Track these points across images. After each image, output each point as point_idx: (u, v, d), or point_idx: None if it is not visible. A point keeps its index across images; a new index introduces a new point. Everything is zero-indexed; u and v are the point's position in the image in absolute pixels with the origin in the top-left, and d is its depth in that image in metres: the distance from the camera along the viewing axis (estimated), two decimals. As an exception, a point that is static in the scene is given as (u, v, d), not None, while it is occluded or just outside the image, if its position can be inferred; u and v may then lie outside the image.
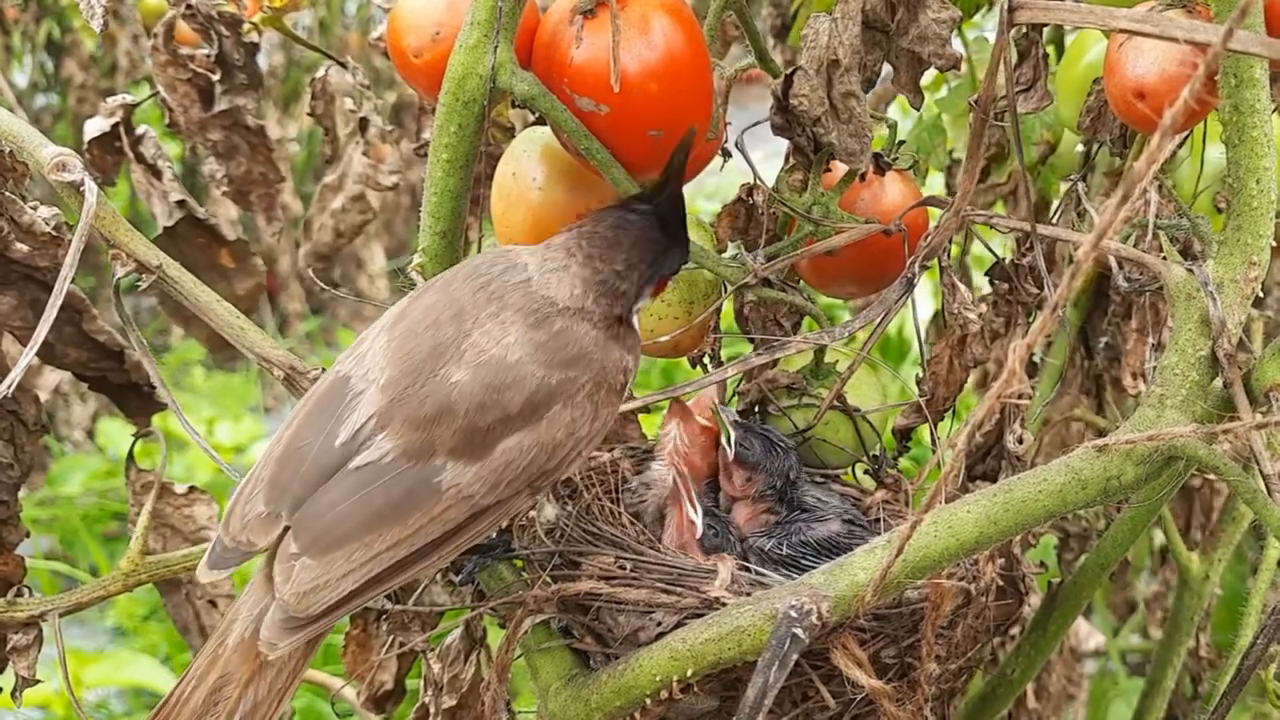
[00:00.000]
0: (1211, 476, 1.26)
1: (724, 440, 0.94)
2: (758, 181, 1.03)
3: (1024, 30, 0.99)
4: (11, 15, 3.09)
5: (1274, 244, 0.82)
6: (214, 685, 0.75)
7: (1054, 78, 1.12)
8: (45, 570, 2.58)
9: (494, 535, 0.88)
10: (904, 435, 1.05)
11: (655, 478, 0.95)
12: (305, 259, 1.47)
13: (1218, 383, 0.80)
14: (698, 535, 0.90)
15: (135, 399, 1.16)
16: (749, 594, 0.80)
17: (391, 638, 1.00)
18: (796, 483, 0.95)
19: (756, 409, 1.04)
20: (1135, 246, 0.95)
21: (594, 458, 0.96)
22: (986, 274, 1.06)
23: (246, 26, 1.23)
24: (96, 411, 3.14)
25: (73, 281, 0.90)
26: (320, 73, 1.37)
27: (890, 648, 0.83)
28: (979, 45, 1.31)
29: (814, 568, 0.79)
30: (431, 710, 0.98)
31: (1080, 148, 1.25)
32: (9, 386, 0.84)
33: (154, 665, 2.09)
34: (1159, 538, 1.80)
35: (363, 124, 1.35)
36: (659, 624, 0.81)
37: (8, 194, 1.02)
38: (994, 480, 1.01)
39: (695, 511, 0.90)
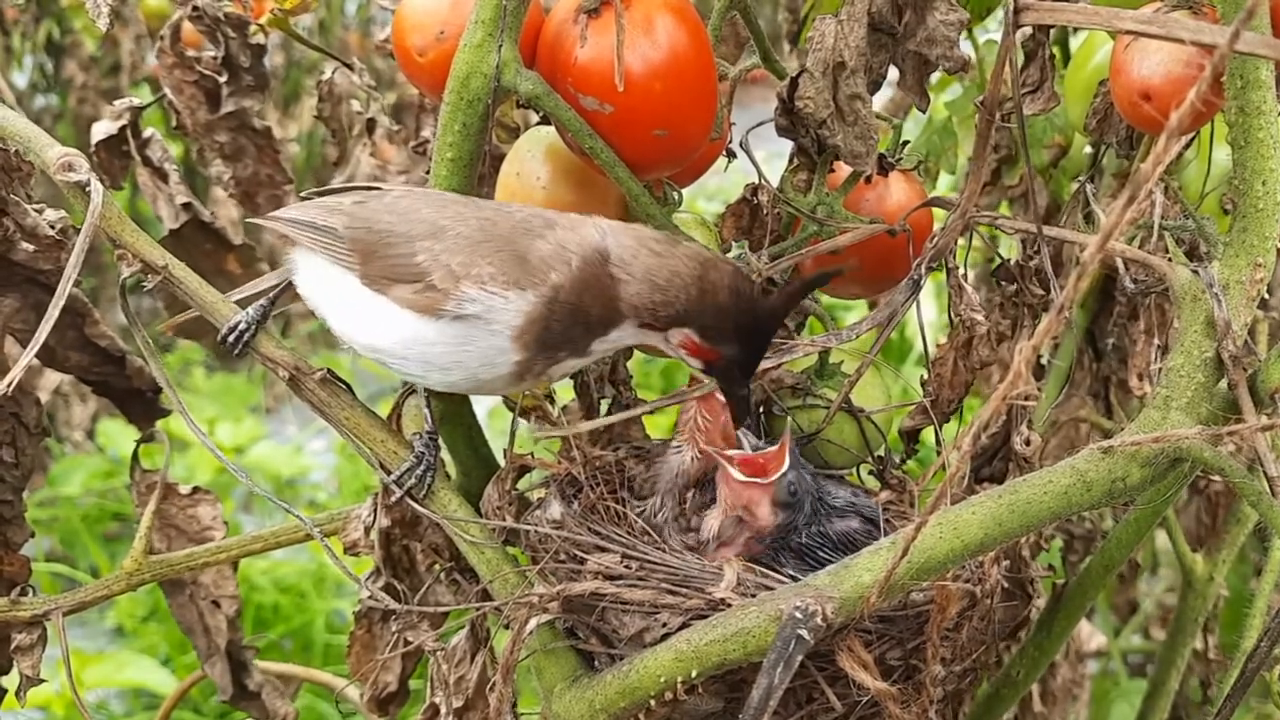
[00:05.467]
0: (1217, 478, 1.26)
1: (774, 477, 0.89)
2: (762, 181, 1.03)
3: (1031, 32, 0.99)
4: (11, 16, 3.09)
5: (1280, 245, 0.81)
6: None
7: (1062, 80, 1.12)
8: (46, 572, 2.58)
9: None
10: (910, 437, 1.05)
11: (668, 463, 0.94)
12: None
13: (1223, 384, 0.80)
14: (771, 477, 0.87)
15: (139, 404, 1.16)
16: (755, 595, 0.79)
17: (398, 637, 1.00)
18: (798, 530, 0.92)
19: (760, 409, 1.04)
20: (1141, 248, 0.94)
21: (598, 457, 0.96)
22: (992, 275, 1.06)
23: (253, 28, 1.23)
24: (97, 412, 3.14)
25: (75, 283, 0.90)
26: (326, 74, 1.37)
27: (895, 650, 0.83)
28: (988, 48, 1.30)
29: (830, 561, 0.79)
30: (441, 710, 0.98)
31: (1088, 150, 1.25)
32: (8, 386, 0.84)
33: (154, 666, 2.09)
34: (1161, 539, 1.80)
35: (369, 125, 1.35)
36: (664, 625, 0.81)
37: (12, 195, 1.02)
38: (1001, 483, 1.01)
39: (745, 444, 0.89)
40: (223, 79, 1.26)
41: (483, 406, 1.10)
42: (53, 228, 1.04)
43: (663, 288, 0.80)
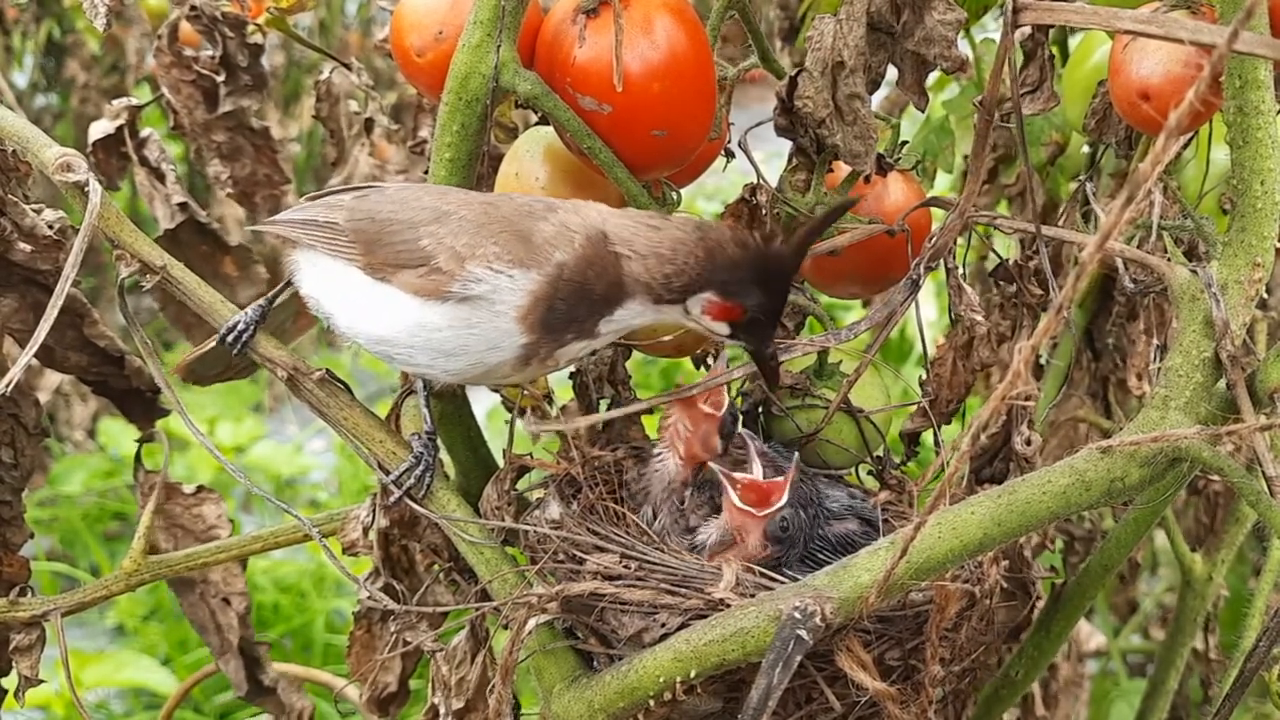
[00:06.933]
0: (1215, 478, 1.26)
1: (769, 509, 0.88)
2: (761, 182, 1.02)
3: (1030, 31, 0.99)
4: (12, 15, 3.09)
5: (1278, 245, 0.81)
6: None
7: (1060, 79, 1.12)
8: (46, 572, 2.58)
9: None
10: (911, 439, 1.05)
11: (657, 473, 0.94)
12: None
13: (1221, 384, 0.80)
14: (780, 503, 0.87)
15: (138, 404, 1.16)
16: (754, 595, 0.79)
17: (397, 637, 1.00)
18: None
19: (760, 409, 1.04)
20: (1140, 248, 0.94)
21: (597, 457, 0.96)
22: (991, 275, 1.06)
23: (250, 28, 1.23)
24: (97, 411, 3.14)
25: (74, 284, 0.90)
26: (324, 74, 1.37)
27: (894, 650, 0.83)
28: (986, 47, 1.30)
29: (829, 564, 0.79)
30: (440, 711, 0.98)
31: (1086, 149, 1.25)
32: (8, 386, 0.84)
33: (154, 665, 2.09)
34: (1160, 539, 1.80)
35: (368, 125, 1.35)
36: (663, 625, 0.81)
37: (10, 195, 1.02)
38: (1001, 483, 1.01)
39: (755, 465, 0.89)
40: (220, 78, 1.26)
41: (482, 407, 1.10)
42: (51, 228, 1.04)
43: (670, 258, 0.80)
